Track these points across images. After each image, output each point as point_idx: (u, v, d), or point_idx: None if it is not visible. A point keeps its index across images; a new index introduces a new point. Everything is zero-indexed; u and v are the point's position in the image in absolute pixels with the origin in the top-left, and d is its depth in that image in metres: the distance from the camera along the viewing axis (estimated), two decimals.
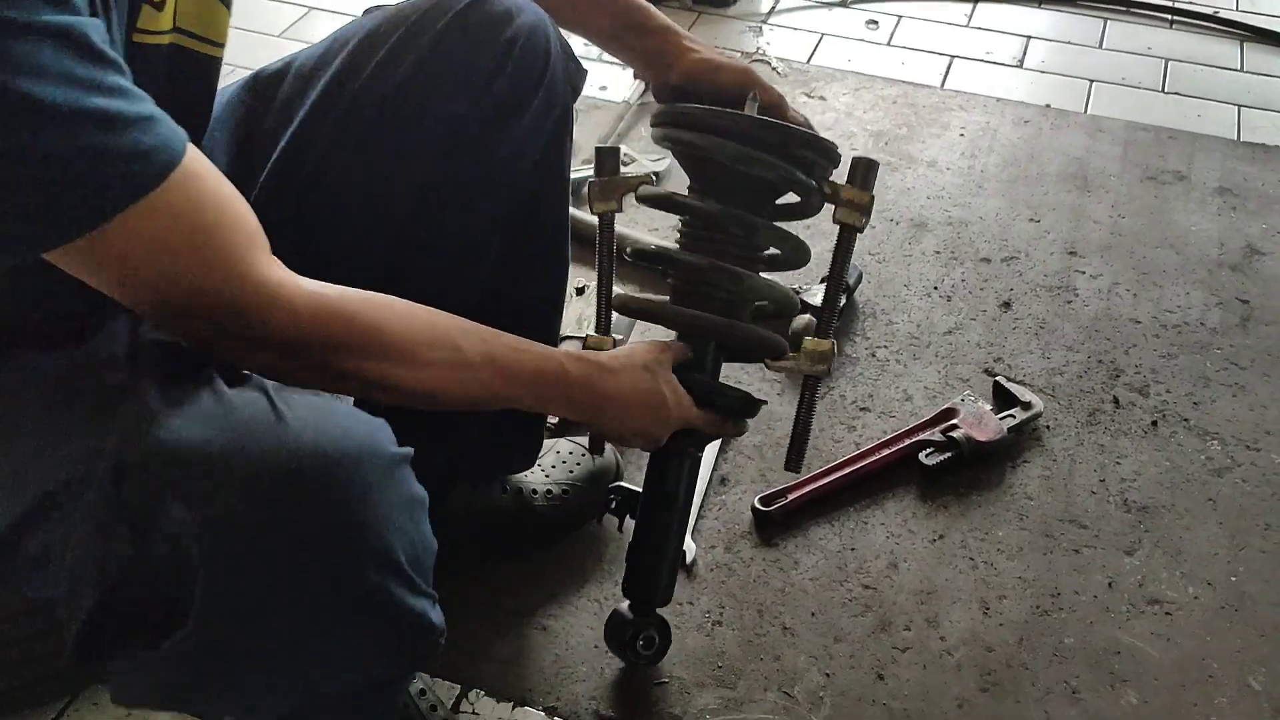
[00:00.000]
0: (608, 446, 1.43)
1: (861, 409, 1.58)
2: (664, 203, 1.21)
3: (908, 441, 1.51)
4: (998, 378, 1.61)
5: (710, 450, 1.50)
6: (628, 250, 1.22)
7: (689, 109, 1.13)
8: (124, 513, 0.74)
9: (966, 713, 1.23)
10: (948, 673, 1.27)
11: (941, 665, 1.28)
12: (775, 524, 1.42)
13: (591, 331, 1.22)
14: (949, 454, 1.49)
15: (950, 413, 1.54)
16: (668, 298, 1.20)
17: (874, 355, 1.67)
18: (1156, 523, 1.44)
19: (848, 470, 1.47)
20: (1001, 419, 1.53)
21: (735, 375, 1.43)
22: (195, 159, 0.75)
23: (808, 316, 1.65)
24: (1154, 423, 1.57)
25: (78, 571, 0.77)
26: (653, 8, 1.21)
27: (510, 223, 1.17)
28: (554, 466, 1.39)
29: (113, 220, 0.70)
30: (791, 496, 1.44)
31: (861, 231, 1.18)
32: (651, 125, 1.18)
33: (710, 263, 1.14)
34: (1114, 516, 1.45)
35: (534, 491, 1.37)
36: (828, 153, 1.14)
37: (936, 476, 1.48)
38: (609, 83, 2.28)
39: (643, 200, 1.20)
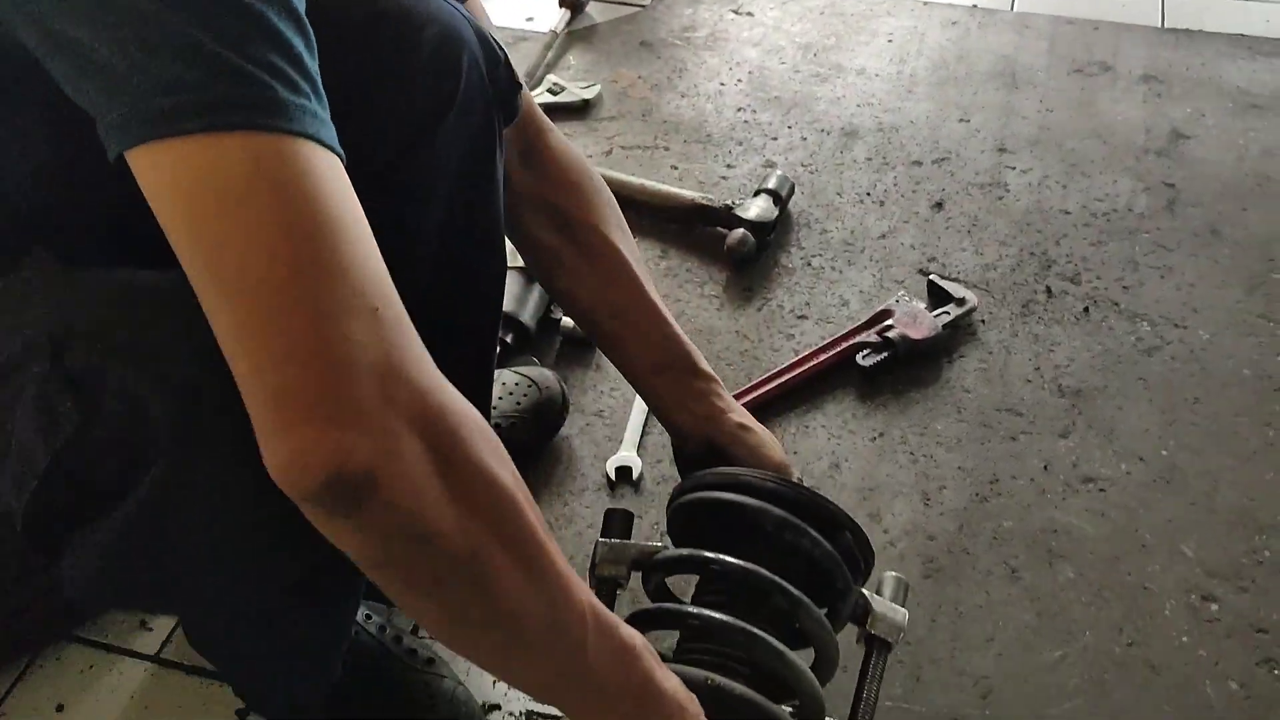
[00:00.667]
0: (550, 375, 1.44)
1: (799, 317, 1.61)
2: (696, 564, 1.03)
3: (845, 345, 1.53)
4: (931, 276, 1.63)
5: None
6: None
7: (748, 473, 1.03)
8: (68, 383, 0.71)
9: (910, 599, 1.27)
10: (891, 563, 1.31)
11: (885, 556, 1.31)
12: None
13: None
14: (885, 354, 1.51)
15: (885, 314, 1.56)
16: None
17: (809, 264, 1.69)
18: (1090, 405, 1.47)
19: (787, 377, 1.50)
20: (936, 316, 1.55)
21: None
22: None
23: (741, 231, 1.67)
24: (1085, 309, 1.60)
25: (23, 452, 0.74)
26: (697, 351, 1.11)
27: (440, 230, 1.07)
28: (500, 399, 1.40)
29: (248, 134, 0.60)
30: None
31: (891, 651, 1.05)
32: (686, 490, 1.06)
33: (757, 634, 0.95)
34: (1049, 402, 1.48)
35: None
36: (869, 560, 1.06)
37: (874, 377, 1.51)
38: (535, 13, 2.26)
39: (661, 566, 1.05)
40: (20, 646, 1.22)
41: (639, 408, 1.48)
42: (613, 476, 1.40)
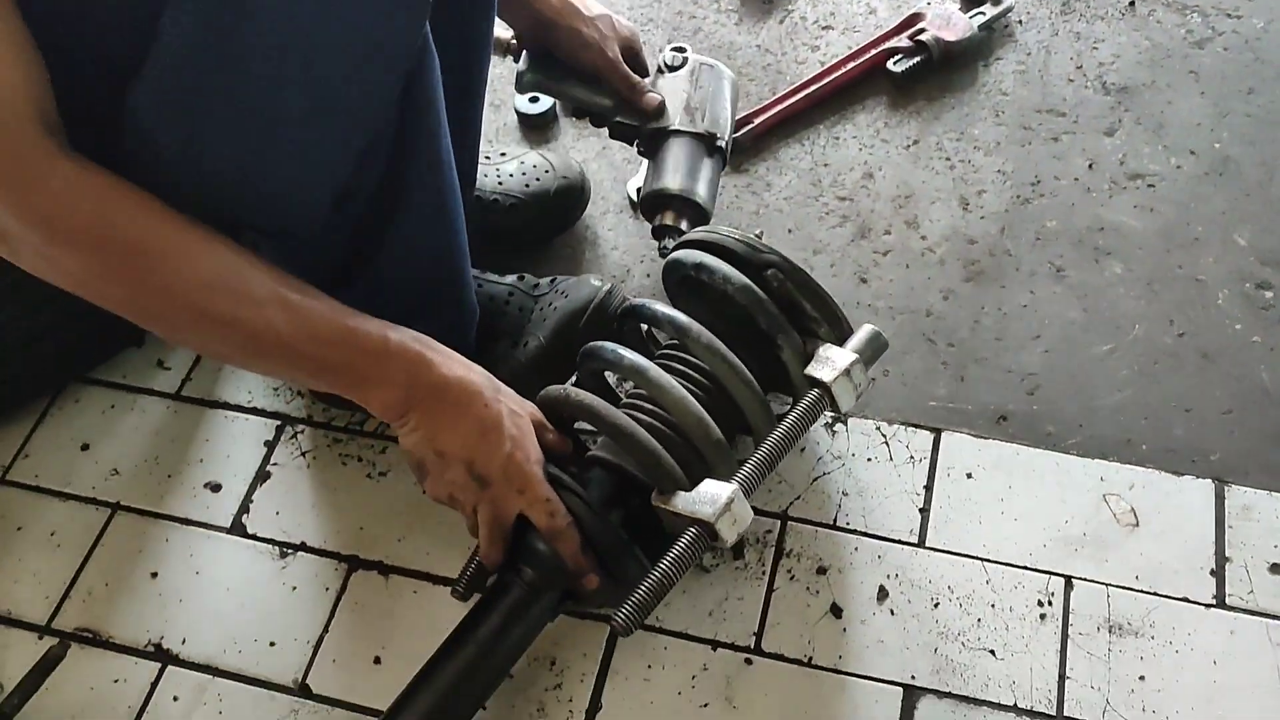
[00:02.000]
0: (572, 164, 1.29)
1: (824, 28, 1.50)
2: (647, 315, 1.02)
3: (874, 52, 1.43)
4: None
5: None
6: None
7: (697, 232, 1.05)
8: None
9: (952, 303, 1.22)
10: (931, 268, 1.25)
11: (924, 262, 1.26)
12: (745, 150, 1.37)
13: None
14: (918, 58, 1.41)
15: (916, 17, 1.45)
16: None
17: None
18: (1137, 101, 1.38)
19: (814, 88, 1.40)
20: (971, 18, 1.44)
21: None
22: None
23: None
24: (1131, 3, 1.49)
25: None
26: None
27: None
28: (510, 176, 1.27)
29: None
30: (758, 120, 1.38)
31: (839, 412, 0.99)
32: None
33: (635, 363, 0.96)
34: (1093, 100, 1.39)
35: (476, 198, 1.24)
36: (821, 308, 1.00)
37: (906, 83, 1.41)
38: None
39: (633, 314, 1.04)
40: (32, 391, 1.19)
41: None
42: (634, 197, 1.33)
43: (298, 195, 0.84)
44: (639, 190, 1.33)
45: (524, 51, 1.18)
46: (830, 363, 0.97)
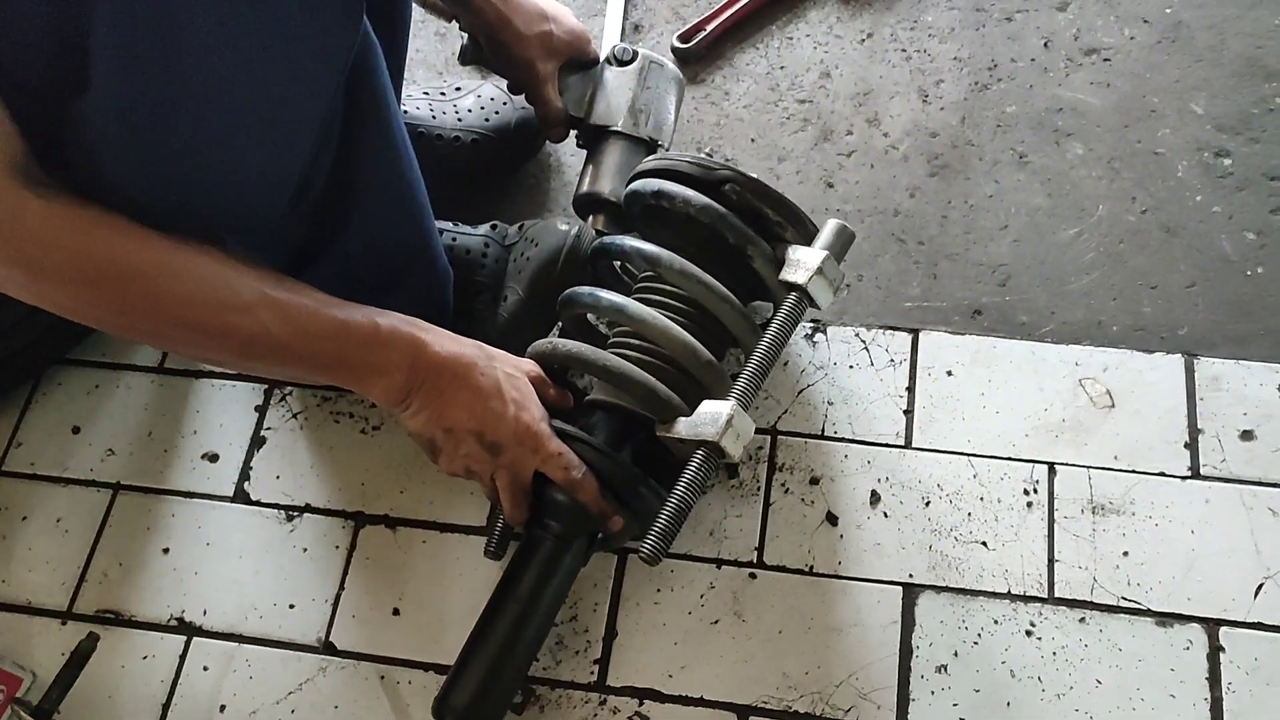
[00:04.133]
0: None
1: None
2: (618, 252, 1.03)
3: None
4: None
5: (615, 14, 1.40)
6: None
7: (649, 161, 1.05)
8: None
9: (919, 200, 1.23)
10: (895, 166, 1.26)
11: (888, 160, 1.26)
12: (699, 59, 1.36)
13: None
14: None
15: None
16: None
17: None
18: None
19: None
20: None
21: None
22: None
23: None
24: None
25: None
26: None
27: None
28: (469, 111, 1.25)
29: None
30: (710, 27, 1.36)
31: (820, 308, 0.99)
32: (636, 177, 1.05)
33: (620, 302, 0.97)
34: None
35: (438, 138, 1.24)
36: (781, 211, 1.00)
37: None
38: None
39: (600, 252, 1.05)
40: (20, 376, 1.19)
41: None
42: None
43: (252, 197, 0.84)
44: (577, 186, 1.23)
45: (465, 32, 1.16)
46: (802, 264, 0.99)
